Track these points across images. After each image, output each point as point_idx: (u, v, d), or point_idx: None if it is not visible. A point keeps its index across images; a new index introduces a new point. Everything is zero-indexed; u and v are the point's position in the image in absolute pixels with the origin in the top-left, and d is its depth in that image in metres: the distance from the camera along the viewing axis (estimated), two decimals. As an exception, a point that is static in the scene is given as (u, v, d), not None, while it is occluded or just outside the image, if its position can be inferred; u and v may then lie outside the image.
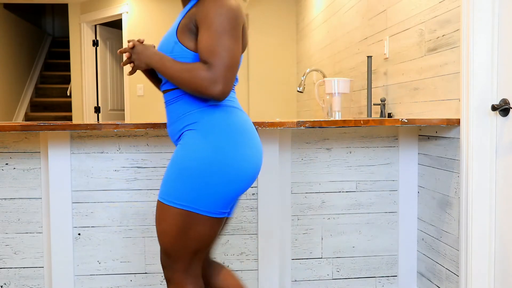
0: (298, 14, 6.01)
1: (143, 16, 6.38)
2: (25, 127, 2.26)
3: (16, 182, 2.60)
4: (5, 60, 7.67)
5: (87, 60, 6.97)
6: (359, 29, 3.67)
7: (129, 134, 2.60)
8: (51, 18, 10.68)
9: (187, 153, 1.62)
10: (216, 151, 1.60)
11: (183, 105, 1.68)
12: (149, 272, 2.66)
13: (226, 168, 1.60)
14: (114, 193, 2.62)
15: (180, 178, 1.61)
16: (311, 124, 2.35)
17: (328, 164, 2.72)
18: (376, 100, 3.32)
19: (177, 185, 1.61)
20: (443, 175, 2.47)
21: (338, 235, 2.75)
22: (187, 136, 1.65)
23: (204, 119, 1.64)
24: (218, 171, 1.59)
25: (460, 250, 2.31)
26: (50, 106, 8.70)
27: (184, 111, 1.68)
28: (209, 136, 1.61)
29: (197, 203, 1.60)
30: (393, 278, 2.78)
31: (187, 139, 1.64)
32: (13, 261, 2.62)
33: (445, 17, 2.42)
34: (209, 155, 1.59)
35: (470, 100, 2.22)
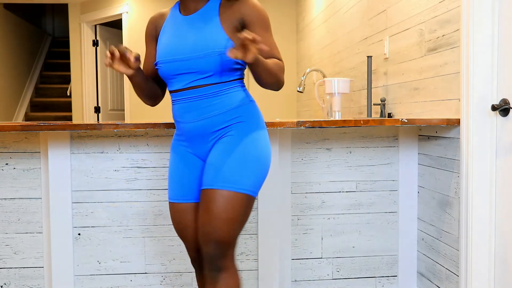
0: (298, 14, 6.01)
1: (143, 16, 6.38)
2: (25, 127, 2.26)
3: (16, 182, 2.60)
4: (5, 60, 7.67)
5: (87, 60, 6.97)
6: (359, 29, 3.67)
7: (129, 134, 2.60)
8: (51, 18, 10.68)
9: (248, 143, 1.79)
10: (266, 140, 1.85)
11: (231, 98, 1.82)
12: (149, 272, 2.66)
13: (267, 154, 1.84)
14: (114, 193, 2.62)
15: (245, 165, 1.77)
16: (311, 124, 2.35)
17: (328, 164, 2.72)
18: (376, 100, 3.32)
19: (242, 173, 1.76)
20: (443, 175, 2.47)
21: (338, 235, 2.75)
22: (239, 128, 1.81)
23: (250, 113, 1.84)
24: (267, 157, 1.83)
25: (460, 250, 2.31)
26: (50, 106, 8.70)
27: (232, 104, 1.82)
28: (259, 128, 1.85)
29: (254, 187, 1.79)
30: (393, 278, 2.78)
31: (241, 131, 1.80)
32: (13, 261, 2.62)
33: (445, 17, 2.42)
34: (263, 144, 1.83)
35: (470, 100, 2.22)
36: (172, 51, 1.83)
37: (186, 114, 1.84)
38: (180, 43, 1.82)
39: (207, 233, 1.75)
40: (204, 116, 1.81)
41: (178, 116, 1.88)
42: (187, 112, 1.84)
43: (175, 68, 1.82)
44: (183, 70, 1.81)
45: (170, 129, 2.32)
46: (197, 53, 1.77)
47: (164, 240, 2.66)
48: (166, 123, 2.31)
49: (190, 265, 2.66)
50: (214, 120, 1.81)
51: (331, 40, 4.46)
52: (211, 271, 1.78)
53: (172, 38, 1.85)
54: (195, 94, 1.81)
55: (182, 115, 1.86)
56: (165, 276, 2.67)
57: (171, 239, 2.66)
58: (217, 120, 1.81)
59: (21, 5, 8.73)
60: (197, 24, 1.82)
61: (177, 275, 2.67)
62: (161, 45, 1.88)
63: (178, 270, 2.67)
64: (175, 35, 1.85)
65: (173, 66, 1.83)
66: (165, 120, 2.37)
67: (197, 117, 1.82)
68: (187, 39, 1.81)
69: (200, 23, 1.82)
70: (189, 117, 1.84)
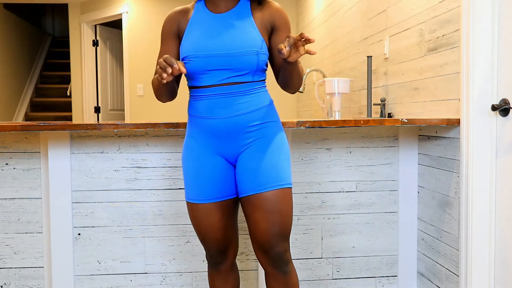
0: (298, 14, 6.01)
1: (143, 16, 6.38)
2: (25, 127, 2.26)
3: (16, 182, 2.60)
4: (5, 60, 7.67)
5: (87, 60, 6.97)
6: (359, 29, 3.67)
7: (129, 134, 2.60)
8: (51, 18, 10.68)
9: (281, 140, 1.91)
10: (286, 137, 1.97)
11: (261, 98, 1.90)
12: (149, 272, 2.66)
13: None
14: (114, 193, 2.62)
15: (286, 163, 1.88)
16: (311, 124, 2.35)
17: (328, 164, 2.72)
18: (376, 100, 3.32)
19: (285, 169, 1.87)
20: (443, 175, 2.47)
21: (338, 235, 2.75)
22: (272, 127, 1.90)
23: (275, 112, 1.95)
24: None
25: (460, 250, 2.31)
26: (50, 106, 8.70)
27: (262, 103, 1.89)
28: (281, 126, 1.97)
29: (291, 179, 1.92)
30: (393, 278, 2.78)
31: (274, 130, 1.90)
32: (13, 261, 2.62)
33: (445, 17, 2.42)
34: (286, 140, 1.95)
35: (470, 100, 2.22)
36: (207, 46, 1.83)
37: (215, 110, 1.84)
38: (215, 39, 1.83)
39: (274, 233, 1.83)
40: (234, 114, 1.84)
41: (203, 112, 1.87)
42: (216, 109, 1.84)
43: (209, 63, 1.83)
44: (219, 66, 1.83)
45: (170, 129, 2.32)
46: (236, 50, 1.81)
47: (164, 240, 2.66)
48: (166, 123, 2.31)
49: (190, 265, 2.67)
50: (248, 117, 1.85)
51: (331, 40, 4.46)
52: (280, 267, 1.87)
53: (205, 34, 1.86)
54: (227, 91, 1.84)
55: (209, 111, 1.85)
56: (165, 276, 2.67)
57: (171, 239, 2.66)
58: (250, 118, 1.85)
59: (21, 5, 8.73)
60: (233, 23, 1.86)
61: (177, 275, 2.67)
62: (191, 40, 1.87)
63: (178, 270, 2.67)
64: (208, 31, 1.86)
65: (207, 62, 1.83)
66: (165, 120, 2.37)
67: (227, 114, 1.84)
68: (224, 36, 1.83)
69: (235, 22, 1.86)
70: (218, 114, 1.84)
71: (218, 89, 1.84)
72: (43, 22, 10.57)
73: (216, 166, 1.89)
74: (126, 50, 6.43)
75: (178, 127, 2.31)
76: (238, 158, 1.88)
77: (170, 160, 2.63)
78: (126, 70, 6.48)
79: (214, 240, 1.94)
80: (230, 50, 1.81)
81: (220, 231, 1.92)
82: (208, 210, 1.90)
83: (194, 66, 1.85)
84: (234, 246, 2.01)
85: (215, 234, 1.92)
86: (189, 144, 1.93)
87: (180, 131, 2.62)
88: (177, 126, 2.31)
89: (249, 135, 1.86)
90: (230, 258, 2.01)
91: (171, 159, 2.63)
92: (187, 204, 1.95)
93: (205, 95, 1.86)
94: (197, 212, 1.92)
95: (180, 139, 2.63)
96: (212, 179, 1.89)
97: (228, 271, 2.03)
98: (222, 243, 1.95)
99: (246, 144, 1.86)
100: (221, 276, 2.03)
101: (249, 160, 1.85)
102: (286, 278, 1.89)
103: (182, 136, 2.63)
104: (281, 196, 1.83)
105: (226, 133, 1.85)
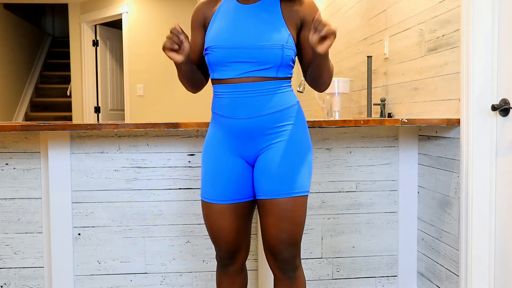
0: (298, 14, 6.00)
1: (143, 16, 6.38)
2: (25, 127, 2.26)
3: (16, 182, 2.60)
4: (5, 60, 7.67)
5: (87, 60, 6.97)
6: (359, 29, 3.67)
7: (129, 134, 2.60)
8: (51, 18, 10.68)
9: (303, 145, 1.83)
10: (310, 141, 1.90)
11: (286, 97, 1.83)
12: (149, 272, 2.66)
13: None
14: (114, 193, 2.62)
15: (304, 168, 1.81)
16: (311, 124, 2.35)
17: (328, 164, 2.72)
18: (376, 100, 3.32)
19: (303, 176, 1.81)
20: (443, 175, 2.47)
21: (338, 235, 2.75)
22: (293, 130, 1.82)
23: (300, 114, 1.86)
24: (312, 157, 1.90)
25: (460, 250, 2.31)
26: (50, 106, 8.70)
27: (285, 104, 1.81)
28: (307, 129, 1.88)
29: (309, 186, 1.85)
30: (393, 278, 2.78)
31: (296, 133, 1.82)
32: (13, 261, 2.62)
33: (445, 17, 2.42)
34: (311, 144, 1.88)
35: (470, 100, 2.22)
36: (231, 37, 1.76)
37: (236, 109, 1.78)
38: (240, 31, 1.77)
39: (283, 240, 1.79)
40: (256, 114, 1.77)
41: (224, 111, 1.81)
42: (237, 108, 1.77)
43: (232, 55, 1.76)
44: (241, 58, 1.75)
45: (170, 129, 2.32)
46: (260, 43, 1.73)
47: (164, 240, 2.66)
48: (166, 123, 2.30)
49: (190, 265, 2.67)
50: (271, 118, 1.78)
51: (331, 40, 4.45)
52: (287, 272, 1.84)
53: (230, 24, 1.79)
54: (248, 89, 1.76)
55: (230, 110, 1.79)
56: (165, 276, 2.67)
57: (171, 239, 2.66)
58: (274, 119, 1.78)
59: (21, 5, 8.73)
60: (260, 14, 1.78)
61: (177, 275, 2.67)
62: (214, 30, 1.81)
63: (178, 270, 2.67)
64: (233, 22, 1.79)
65: (230, 53, 1.76)
66: (165, 120, 2.37)
67: (249, 114, 1.77)
68: (249, 28, 1.76)
69: (263, 14, 1.78)
70: (239, 113, 1.78)
71: (241, 86, 1.76)
72: (43, 22, 10.57)
73: (235, 167, 1.84)
74: (126, 50, 6.44)
75: (178, 127, 2.31)
76: (258, 158, 1.83)
77: (170, 160, 2.63)
78: (126, 70, 6.48)
79: (225, 242, 1.89)
80: (254, 43, 1.74)
81: (231, 233, 1.87)
82: (221, 211, 1.85)
83: (217, 57, 1.78)
84: (244, 250, 1.95)
85: (226, 236, 1.87)
86: (209, 142, 1.88)
87: (180, 131, 2.62)
88: (177, 126, 2.31)
89: (271, 136, 1.79)
90: (240, 261, 1.95)
91: (171, 159, 2.63)
92: (202, 203, 1.90)
93: (228, 92, 1.79)
94: (211, 212, 1.87)
95: (180, 139, 2.64)
96: (229, 181, 1.83)
97: (236, 274, 1.98)
98: (232, 246, 1.90)
99: (267, 146, 1.80)
100: (228, 278, 1.98)
101: (267, 162, 1.79)
102: (292, 284, 1.86)
103: (182, 136, 2.63)
104: (293, 204, 1.79)
105: (248, 134, 1.79)
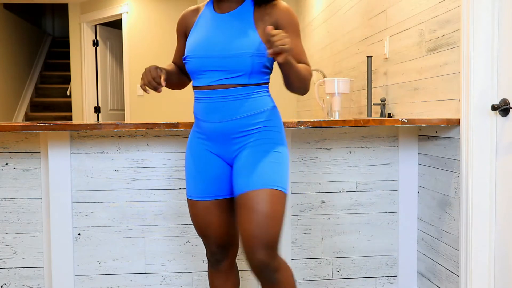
0: (298, 14, 6.00)
1: (143, 16, 6.38)
2: (25, 127, 2.26)
3: (16, 182, 2.60)
4: (5, 60, 7.67)
5: (87, 60, 6.97)
6: (359, 29, 3.67)
7: (129, 134, 2.60)
8: (51, 18, 10.68)
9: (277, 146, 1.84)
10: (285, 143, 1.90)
11: (258, 102, 1.84)
12: (149, 272, 2.66)
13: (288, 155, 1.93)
14: (114, 193, 2.62)
15: (281, 167, 1.82)
16: (311, 124, 2.35)
17: (328, 164, 2.72)
18: (376, 100, 3.31)
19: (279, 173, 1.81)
20: (443, 175, 2.47)
21: (338, 235, 2.75)
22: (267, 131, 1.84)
23: (275, 117, 1.88)
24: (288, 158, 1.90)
25: (460, 250, 2.31)
26: (50, 106, 8.70)
27: (258, 108, 1.84)
28: (282, 132, 1.90)
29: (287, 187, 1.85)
30: (393, 278, 2.78)
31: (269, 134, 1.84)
32: (13, 261, 2.62)
33: (445, 17, 2.42)
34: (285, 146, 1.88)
35: (470, 100, 2.22)
36: (204, 47, 1.83)
37: (211, 114, 1.83)
38: (212, 40, 1.83)
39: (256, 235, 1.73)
40: (229, 118, 1.81)
41: (201, 115, 1.87)
42: (211, 113, 1.83)
43: (205, 64, 1.82)
44: (213, 67, 1.81)
45: (170, 129, 2.32)
46: (230, 51, 1.78)
47: (164, 240, 2.66)
48: (166, 123, 2.31)
49: (190, 265, 2.67)
50: (239, 123, 1.82)
51: (331, 40, 4.46)
52: (267, 276, 1.77)
53: (204, 34, 1.86)
54: (222, 94, 1.81)
55: (206, 114, 1.85)
56: (165, 276, 2.67)
57: (171, 239, 2.66)
58: (242, 123, 1.82)
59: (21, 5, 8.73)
60: (232, 23, 1.83)
61: (177, 275, 2.67)
62: (191, 40, 1.88)
63: (178, 270, 2.67)
64: (207, 32, 1.86)
65: (203, 62, 1.82)
66: (165, 119, 2.37)
67: (222, 118, 1.82)
68: (220, 37, 1.82)
69: (234, 23, 1.83)
70: (213, 118, 1.83)
71: (212, 92, 1.82)
72: (43, 22, 10.57)
73: (213, 165, 1.90)
74: (126, 50, 6.43)
75: (178, 127, 2.31)
76: (234, 159, 1.88)
77: (170, 160, 2.63)
78: (126, 70, 6.48)
79: (215, 237, 1.95)
80: (223, 52, 1.79)
81: (220, 227, 1.94)
82: (206, 207, 1.92)
83: (192, 66, 1.86)
84: (235, 245, 2.02)
85: (216, 231, 1.94)
86: (190, 143, 1.96)
87: (180, 131, 2.62)
88: (177, 126, 2.31)
89: (244, 138, 1.83)
90: (230, 256, 2.02)
91: (171, 159, 2.63)
92: (188, 202, 1.97)
93: (201, 98, 1.86)
94: (196, 209, 1.93)
95: (180, 139, 2.63)
96: (211, 178, 1.90)
97: (229, 270, 2.04)
98: (222, 240, 1.96)
99: (241, 147, 1.84)
100: (221, 275, 2.03)
101: (241, 161, 1.82)
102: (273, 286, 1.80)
103: (182, 136, 2.63)
104: (267, 196, 1.74)
105: (222, 136, 1.85)
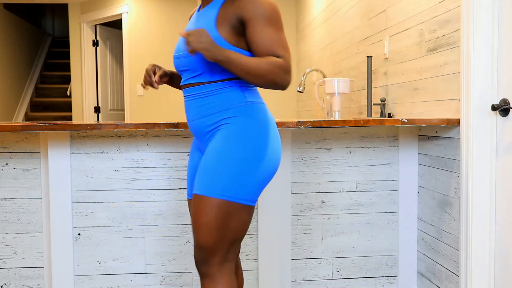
0: (298, 14, 6.01)
1: (143, 16, 6.38)
2: (25, 127, 2.26)
3: (16, 182, 2.60)
4: (5, 60, 7.67)
5: (87, 60, 6.97)
6: (359, 29, 3.67)
7: (129, 134, 2.60)
8: (51, 18, 10.68)
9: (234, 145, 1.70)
10: (255, 144, 1.71)
11: (223, 99, 1.76)
12: (149, 272, 2.66)
13: (263, 159, 1.72)
14: (114, 193, 2.62)
15: (223, 170, 1.68)
16: (311, 124, 2.35)
17: (328, 164, 2.72)
18: (376, 100, 3.32)
19: (220, 177, 1.68)
20: (443, 175, 2.47)
21: (338, 235, 2.75)
22: (227, 129, 1.73)
23: (245, 114, 1.74)
24: (257, 162, 1.70)
25: (460, 250, 2.31)
26: (50, 106, 8.70)
27: (223, 105, 1.75)
28: (255, 130, 1.72)
29: (238, 193, 1.68)
30: (393, 278, 2.78)
31: (228, 132, 1.72)
32: (13, 261, 2.62)
33: (445, 17, 2.42)
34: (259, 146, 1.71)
35: (470, 100, 2.22)
36: (178, 47, 1.87)
37: (188, 112, 1.87)
38: (181, 40, 1.86)
39: (194, 238, 1.75)
40: (198, 116, 1.82)
41: (186, 114, 1.91)
42: (188, 111, 1.87)
43: (177, 64, 1.86)
44: (182, 67, 1.84)
45: (170, 129, 2.32)
46: (185, 51, 1.77)
47: (164, 240, 2.66)
48: (166, 123, 2.31)
49: (190, 265, 2.67)
50: (206, 120, 1.79)
51: (331, 40, 4.46)
52: (201, 275, 1.75)
53: None
54: (191, 93, 1.83)
55: (186, 113, 1.89)
56: (165, 276, 2.67)
57: (171, 239, 2.66)
58: (208, 121, 1.78)
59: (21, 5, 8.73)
60: (197, 23, 1.82)
61: (177, 275, 2.67)
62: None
63: (178, 270, 2.67)
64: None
65: (177, 63, 1.87)
66: (164, 120, 2.37)
67: (194, 116, 1.84)
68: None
69: (199, 22, 1.81)
70: (189, 116, 1.86)
71: (186, 91, 1.84)
72: (43, 22, 10.57)
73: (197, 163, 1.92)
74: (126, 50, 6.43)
75: (178, 127, 2.31)
76: None
77: (170, 160, 2.63)
78: (126, 70, 6.48)
79: None
80: (182, 52, 1.80)
81: None
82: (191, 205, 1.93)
83: (174, 67, 1.91)
84: None
85: None
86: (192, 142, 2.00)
87: (180, 131, 2.62)
88: (177, 126, 2.31)
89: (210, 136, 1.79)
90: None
91: (171, 159, 2.63)
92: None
93: (184, 96, 1.88)
94: (189, 207, 1.98)
95: (180, 139, 2.64)
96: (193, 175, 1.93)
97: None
98: None
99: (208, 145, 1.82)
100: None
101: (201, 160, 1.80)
102: None
103: (182, 136, 2.63)
104: (199, 203, 1.69)
105: (198, 134, 1.85)
